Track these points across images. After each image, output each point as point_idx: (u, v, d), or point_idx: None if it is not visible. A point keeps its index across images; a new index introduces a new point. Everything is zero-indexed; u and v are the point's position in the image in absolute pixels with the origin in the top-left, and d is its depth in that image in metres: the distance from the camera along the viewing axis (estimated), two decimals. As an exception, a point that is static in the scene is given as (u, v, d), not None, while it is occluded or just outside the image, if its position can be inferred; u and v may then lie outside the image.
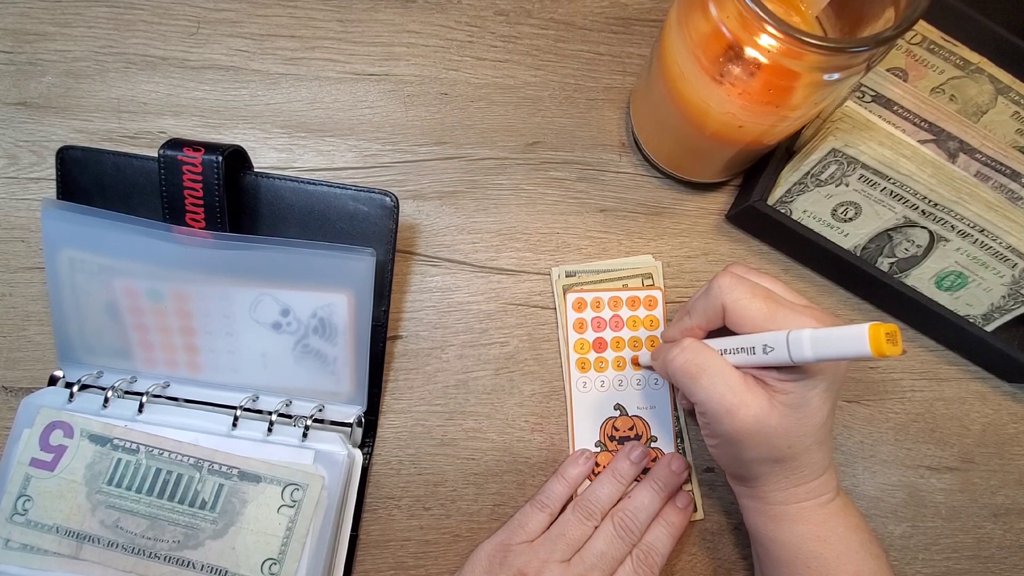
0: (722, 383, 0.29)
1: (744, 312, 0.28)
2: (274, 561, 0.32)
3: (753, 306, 0.28)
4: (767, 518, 0.32)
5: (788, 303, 0.28)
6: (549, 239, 0.41)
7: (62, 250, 0.34)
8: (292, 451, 0.33)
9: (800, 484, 0.31)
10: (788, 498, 0.31)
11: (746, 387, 0.28)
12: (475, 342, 0.39)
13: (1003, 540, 0.40)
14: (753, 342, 0.28)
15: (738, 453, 0.30)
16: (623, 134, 0.43)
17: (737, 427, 0.28)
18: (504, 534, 0.34)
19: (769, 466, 0.30)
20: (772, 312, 0.28)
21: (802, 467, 0.30)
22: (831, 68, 0.27)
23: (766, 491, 0.31)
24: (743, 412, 0.28)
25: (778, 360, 0.27)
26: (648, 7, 0.45)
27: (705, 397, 0.29)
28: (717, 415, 0.29)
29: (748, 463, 0.30)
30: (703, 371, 0.29)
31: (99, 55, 0.41)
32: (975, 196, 0.35)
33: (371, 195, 0.35)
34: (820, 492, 0.31)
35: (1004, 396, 0.41)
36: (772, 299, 0.28)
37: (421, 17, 0.43)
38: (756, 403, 0.28)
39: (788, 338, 0.26)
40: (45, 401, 0.34)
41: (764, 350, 0.27)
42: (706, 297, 0.30)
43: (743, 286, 0.29)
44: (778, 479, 0.31)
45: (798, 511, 0.31)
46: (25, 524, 0.32)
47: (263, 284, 0.34)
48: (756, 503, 0.32)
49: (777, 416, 0.28)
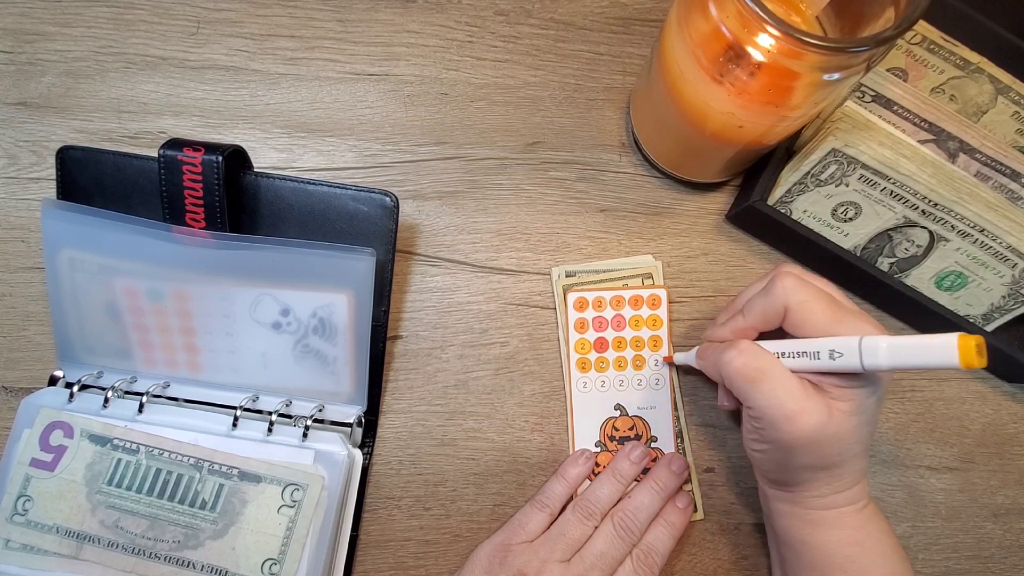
0: (782, 389, 0.28)
1: (809, 315, 0.28)
2: (274, 561, 0.32)
3: (818, 309, 0.27)
4: (803, 523, 0.31)
5: (851, 308, 0.28)
6: (549, 239, 0.41)
7: (62, 250, 0.34)
8: (292, 451, 0.33)
9: (842, 490, 0.30)
10: (828, 504, 0.31)
11: (806, 394, 0.27)
12: (475, 342, 0.39)
13: (1003, 540, 0.40)
14: (818, 347, 0.27)
15: (788, 459, 0.29)
16: (623, 134, 0.43)
17: (796, 434, 0.27)
18: (504, 534, 0.34)
19: (815, 472, 0.30)
20: (839, 317, 0.27)
21: (845, 474, 0.30)
22: (831, 68, 0.27)
23: (806, 496, 0.31)
24: (803, 419, 0.27)
25: (846, 367, 0.26)
26: (648, 7, 0.45)
27: (765, 403, 0.28)
28: (775, 422, 0.28)
29: (795, 469, 0.30)
30: (764, 375, 0.28)
31: (99, 55, 0.41)
32: (975, 196, 0.35)
33: (371, 195, 0.35)
34: (857, 499, 0.31)
35: (1004, 396, 0.41)
36: (836, 304, 0.28)
37: (421, 17, 0.43)
38: (816, 411, 0.27)
39: (861, 345, 0.25)
40: (45, 401, 0.34)
41: (831, 356, 0.26)
42: (766, 297, 0.29)
43: (807, 288, 0.28)
44: (820, 485, 0.30)
45: (836, 516, 0.31)
46: (25, 524, 0.32)
47: (263, 284, 0.34)
48: (792, 507, 0.32)
49: (836, 424, 0.27)
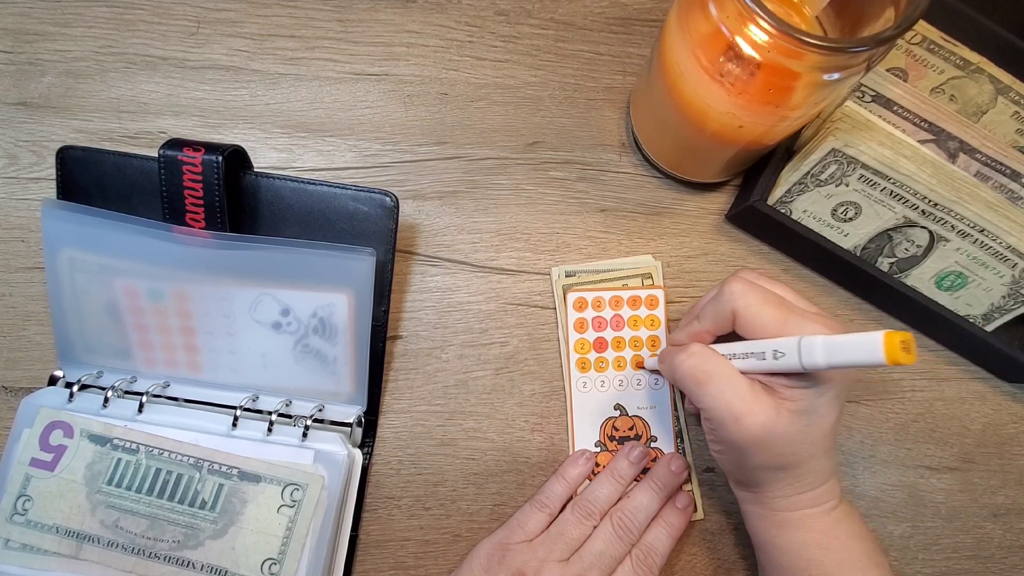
0: (729, 390, 0.28)
1: (755, 318, 0.28)
2: (274, 561, 0.32)
3: (765, 312, 0.28)
4: (769, 524, 0.32)
5: (799, 310, 0.28)
6: (549, 239, 0.41)
7: (62, 250, 0.34)
8: (292, 451, 0.33)
9: (804, 491, 0.30)
10: (791, 505, 0.31)
11: (753, 395, 0.28)
12: (475, 342, 0.39)
13: (1003, 540, 0.40)
14: (763, 348, 0.28)
15: (743, 460, 0.30)
16: (623, 134, 0.43)
17: (743, 435, 0.28)
18: (503, 533, 0.34)
19: (773, 473, 0.30)
20: (784, 318, 0.27)
21: (806, 474, 0.30)
22: (831, 68, 0.27)
23: (769, 497, 0.31)
24: (750, 420, 0.28)
25: (788, 367, 0.26)
26: (648, 7, 0.45)
27: (712, 404, 0.29)
28: (723, 422, 0.28)
29: (752, 470, 0.30)
30: (710, 378, 0.29)
31: (99, 55, 0.41)
32: (975, 196, 0.35)
33: (371, 195, 0.35)
34: (824, 500, 0.31)
35: (1004, 396, 0.41)
36: (783, 305, 0.28)
37: (421, 17, 0.43)
38: (763, 411, 0.28)
39: (800, 344, 0.26)
40: (45, 401, 0.34)
41: (775, 356, 0.27)
42: (716, 302, 0.30)
43: (754, 292, 0.29)
44: (782, 486, 0.30)
45: (801, 518, 0.31)
46: (25, 524, 0.32)
47: (263, 284, 0.34)
48: (759, 509, 0.32)
49: (784, 423, 0.28)
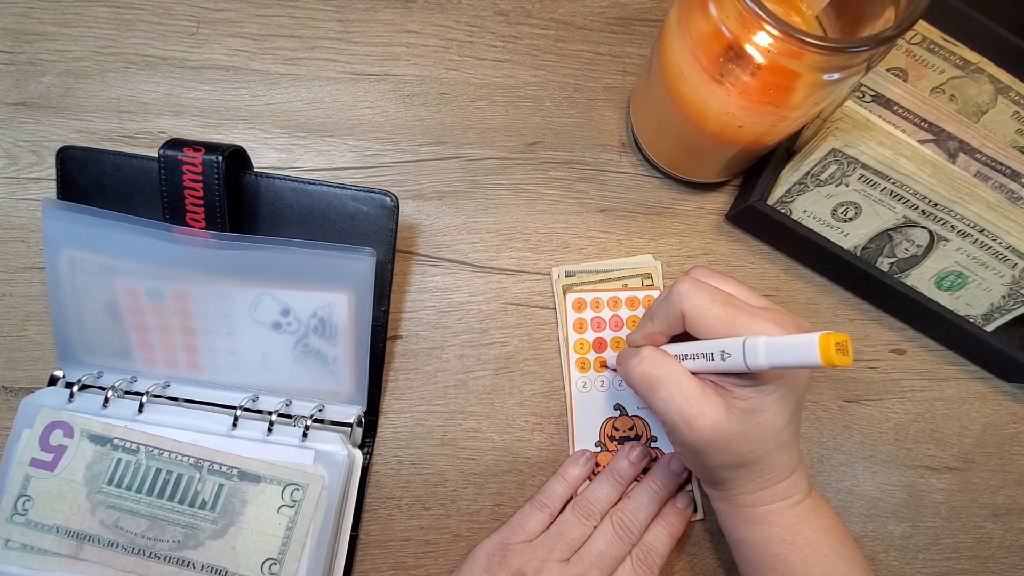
0: (679, 394, 0.28)
1: (703, 318, 0.28)
2: (274, 561, 0.32)
3: (712, 312, 0.27)
4: (737, 520, 0.32)
5: (748, 308, 0.27)
6: (549, 239, 0.41)
7: (62, 250, 0.34)
8: (292, 451, 0.33)
9: (767, 487, 0.30)
10: (756, 501, 0.31)
11: (703, 396, 0.28)
12: (475, 342, 0.39)
13: (1003, 540, 0.40)
14: (711, 348, 0.27)
15: (702, 460, 0.30)
16: (623, 134, 0.43)
17: (696, 436, 0.28)
18: (503, 533, 0.34)
19: (734, 471, 0.30)
20: (731, 318, 0.27)
21: (767, 470, 0.30)
22: (831, 68, 0.27)
23: (734, 494, 0.31)
24: (700, 422, 0.28)
25: (735, 367, 0.26)
26: (648, 7, 0.45)
27: (664, 408, 0.29)
28: (676, 426, 0.28)
29: (713, 469, 0.30)
30: (660, 382, 0.29)
31: (99, 55, 0.41)
32: (975, 196, 0.35)
33: (371, 195, 0.35)
34: (788, 494, 0.31)
35: (1004, 396, 0.41)
36: (731, 304, 0.28)
37: (421, 17, 0.43)
38: (713, 412, 0.28)
39: (744, 345, 0.26)
40: (45, 401, 0.34)
41: (722, 357, 0.27)
42: (666, 303, 0.29)
43: (702, 292, 0.28)
44: (744, 483, 0.30)
45: (766, 513, 0.31)
46: (25, 524, 0.32)
47: (263, 284, 0.34)
48: (726, 505, 0.32)
49: (735, 423, 0.28)
